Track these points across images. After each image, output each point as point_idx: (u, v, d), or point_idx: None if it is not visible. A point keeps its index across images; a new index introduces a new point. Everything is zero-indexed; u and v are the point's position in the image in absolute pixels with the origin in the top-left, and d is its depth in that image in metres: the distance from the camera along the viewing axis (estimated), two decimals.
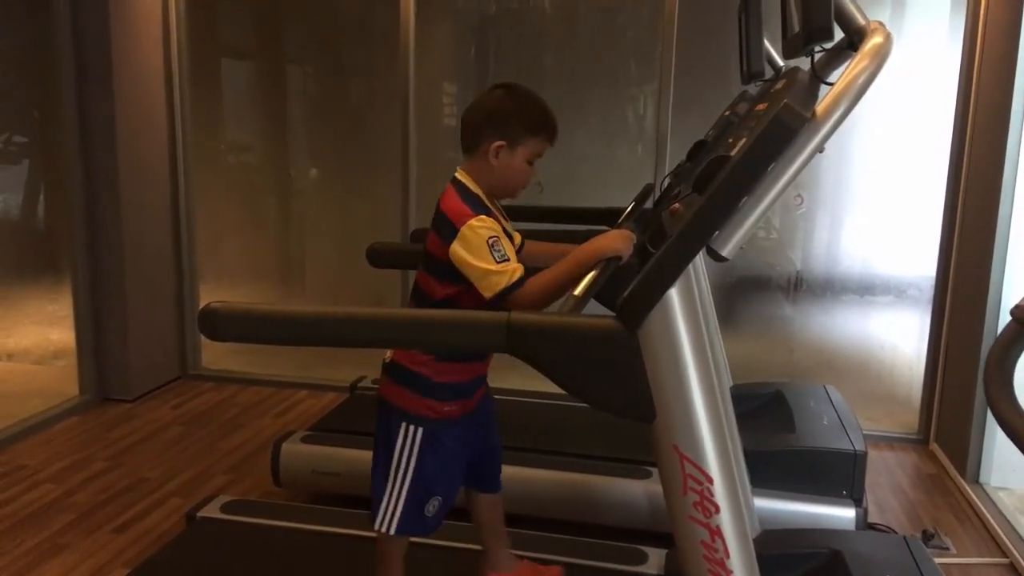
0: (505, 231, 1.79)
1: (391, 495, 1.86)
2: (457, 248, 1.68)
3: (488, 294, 1.65)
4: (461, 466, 1.95)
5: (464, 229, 1.68)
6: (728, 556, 1.37)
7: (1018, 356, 0.93)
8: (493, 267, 1.64)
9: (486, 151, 1.77)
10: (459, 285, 1.72)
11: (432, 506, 1.89)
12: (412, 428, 1.85)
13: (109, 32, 3.70)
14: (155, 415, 3.81)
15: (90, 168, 3.82)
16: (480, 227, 1.68)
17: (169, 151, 4.18)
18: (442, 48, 4.28)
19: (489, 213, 1.75)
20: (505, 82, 1.84)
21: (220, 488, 3.05)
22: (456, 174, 1.83)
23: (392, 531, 1.88)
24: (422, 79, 4.04)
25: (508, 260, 1.65)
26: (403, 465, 1.86)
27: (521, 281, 1.64)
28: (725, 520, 1.37)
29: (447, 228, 1.71)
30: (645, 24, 3.90)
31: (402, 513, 1.86)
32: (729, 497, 1.37)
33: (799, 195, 3.78)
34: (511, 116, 1.77)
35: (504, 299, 1.64)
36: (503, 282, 1.64)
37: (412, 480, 1.85)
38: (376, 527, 1.89)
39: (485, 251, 1.65)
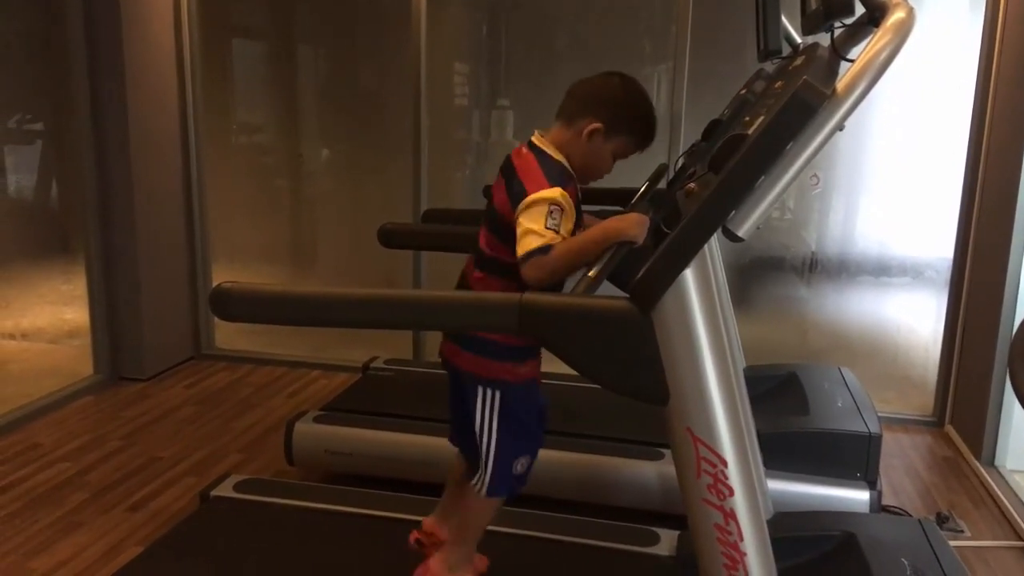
0: (579, 203, 1.78)
1: (484, 459, 1.88)
2: (521, 208, 1.67)
3: (519, 252, 1.63)
4: (541, 421, 1.96)
5: (532, 196, 1.67)
6: (742, 539, 1.37)
7: None
8: (538, 229, 1.62)
9: (582, 128, 1.76)
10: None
11: (521, 465, 1.91)
12: (489, 392, 1.84)
13: (120, 13, 3.68)
14: (169, 394, 3.83)
15: (102, 149, 3.81)
16: (552, 196, 1.66)
17: (181, 132, 4.18)
18: (454, 28, 4.24)
19: (568, 181, 1.74)
20: (622, 73, 1.83)
21: (233, 467, 3.06)
22: (534, 139, 1.81)
23: (484, 492, 1.90)
24: (434, 59, 4.01)
25: (557, 231, 1.63)
26: (486, 430, 1.86)
27: (548, 248, 1.61)
28: (739, 503, 1.36)
29: (518, 190, 1.70)
30: (660, 1, 3.85)
31: (491, 477, 1.88)
32: (743, 480, 1.36)
33: (815, 175, 3.74)
34: (619, 107, 1.78)
35: (526, 261, 1.62)
36: (535, 244, 1.61)
37: (498, 444, 1.86)
38: (473, 485, 1.93)
39: (541, 215, 1.64)
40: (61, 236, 4.35)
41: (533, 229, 1.62)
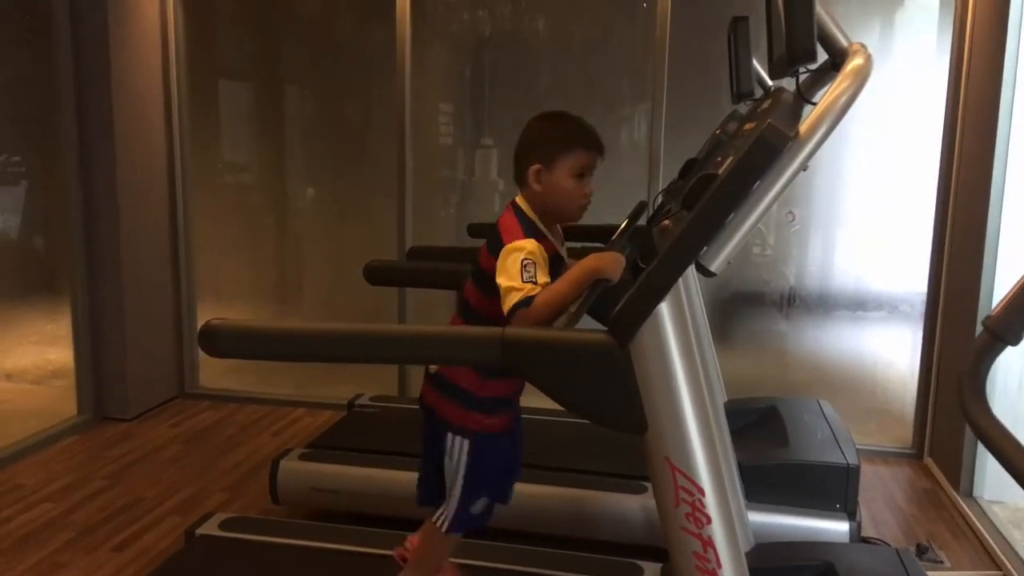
0: (557, 255, 1.85)
1: (448, 499, 1.98)
2: (499, 263, 1.76)
3: (504, 309, 1.71)
4: (509, 468, 2.05)
5: (507, 247, 1.76)
6: (720, 567, 1.39)
7: (990, 366, 0.96)
8: (516, 284, 1.70)
9: (528, 178, 1.84)
10: (497, 299, 1.77)
11: (478, 506, 1.99)
12: (459, 440, 1.93)
13: (108, 54, 3.75)
14: (153, 434, 3.82)
15: (89, 189, 3.85)
16: (521, 248, 1.74)
17: (168, 171, 4.22)
18: (438, 69, 4.34)
19: (541, 237, 1.81)
20: (545, 111, 1.91)
21: (218, 506, 3.06)
22: (516, 199, 1.90)
23: (444, 529, 1.99)
24: (418, 99, 4.09)
25: (534, 282, 1.70)
26: (456, 474, 1.95)
27: (529, 300, 1.68)
28: (717, 531, 1.39)
29: (497, 243, 1.79)
30: (638, 45, 3.97)
31: (452, 516, 1.98)
32: (721, 508, 1.39)
33: (791, 212, 3.82)
34: (541, 138, 1.85)
35: (512, 315, 1.69)
36: (516, 299, 1.69)
37: (463, 489, 1.95)
38: (433, 521, 2.02)
39: (516, 270, 1.72)
40: (45, 276, 4.36)
41: (513, 286, 1.70)
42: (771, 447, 2.80)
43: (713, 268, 1.30)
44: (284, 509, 2.94)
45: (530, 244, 1.75)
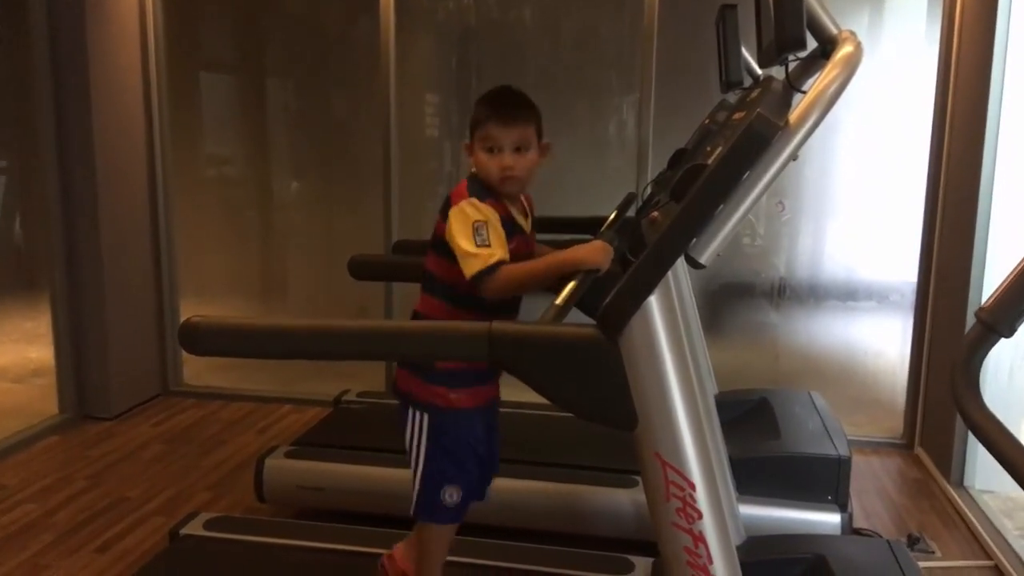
0: (510, 219, 1.84)
1: (413, 479, 1.94)
2: (447, 225, 1.78)
3: (466, 275, 1.72)
4: (474, 456, 1.96)
5: (454, 208, 1.77)
6: (711, 562, 1.37)
7: (983, 358, 0.94)
8: (472, 250, 1.71)
9: (465, 154, 1.90)
10: (456, 264, 1.77)
11: (449, 495, 1.93)
12: (418, 415, 1.90)
13: (86, 47, 3.68)
14: (136, 433, 3.77)
15: (68, 184, 3.79)
16: (469, 209, 1.76)
17: (148, 166, 4.16)
18: (423, 60, 4.29)
19: (487, 197, 1.81)
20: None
21: (203, 505, 3.02)
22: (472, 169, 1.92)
23: (413, 513, 1.95)
24: (403, 91, 4.04)
25: (488, 245, 1.71)
26: (413, 451, 1.92)
27: (494, 268, 1.69)
28: (708, 526, 1.37)
29: (446, 207, 1.81)
30: (626, 34, 3.93)
31: (418, 497, 1.93)
32: (711, 503, 1.37)
33: (781, 202, 3.80)
34: (470, 118, 1.89)
35: (477, 283, 1.70)
36: (477, 266, 1.70)
37: (423, 466, 1.91)
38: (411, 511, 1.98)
39: (468, 233, 1.72)
40: (26, 272, 4.29)
41: (469, 251, 1.71)
42: (762, 439, 2.79)
43: (703, 260, 1.28)
44: (270, 508, 2.91)
45: (479, 205, 1.76)
